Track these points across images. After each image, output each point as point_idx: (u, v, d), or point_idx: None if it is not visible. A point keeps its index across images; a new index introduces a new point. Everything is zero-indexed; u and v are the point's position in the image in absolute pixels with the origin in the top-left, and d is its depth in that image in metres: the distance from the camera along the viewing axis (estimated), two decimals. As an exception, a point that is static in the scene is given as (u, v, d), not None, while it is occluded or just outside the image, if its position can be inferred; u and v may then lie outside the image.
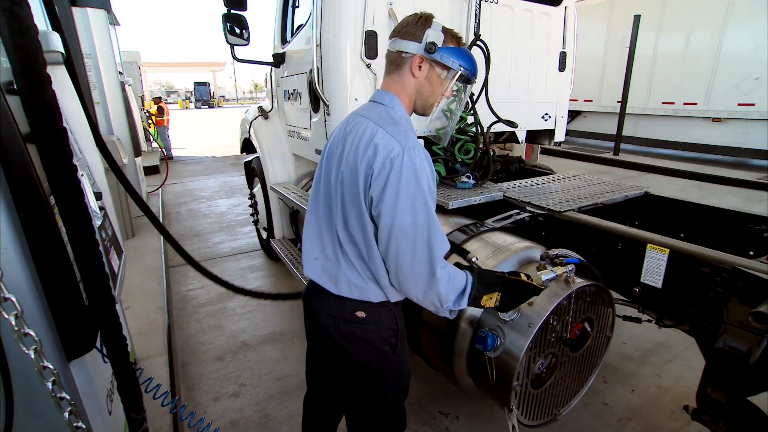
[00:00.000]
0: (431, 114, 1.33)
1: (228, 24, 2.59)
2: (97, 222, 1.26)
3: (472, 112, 2.58)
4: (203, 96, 44.08)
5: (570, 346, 1.59)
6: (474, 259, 1.63)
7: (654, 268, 1.71)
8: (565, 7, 3.03)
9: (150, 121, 9.50)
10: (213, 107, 43.43)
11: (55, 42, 1.44)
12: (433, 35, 1.22)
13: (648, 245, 1.71)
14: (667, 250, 1.65)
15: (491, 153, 2.66)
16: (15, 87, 0.84)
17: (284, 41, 3.21)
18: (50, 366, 0.81)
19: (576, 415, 2.17)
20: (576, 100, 10.96)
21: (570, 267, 1.51)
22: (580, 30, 3.26)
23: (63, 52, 1.47)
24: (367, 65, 2.35)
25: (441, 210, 2.17)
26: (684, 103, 9.09)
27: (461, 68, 1.25)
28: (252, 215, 4.37)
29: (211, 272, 2.34)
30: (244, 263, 4.27)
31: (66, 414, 0.84)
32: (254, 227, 4.63)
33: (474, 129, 2.62)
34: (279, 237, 3.73)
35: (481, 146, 2.59)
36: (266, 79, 3.87)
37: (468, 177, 2.45)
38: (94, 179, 1.58)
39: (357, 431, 1.42)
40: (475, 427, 2.15)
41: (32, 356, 0.78)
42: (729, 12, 8.13)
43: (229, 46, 2.68)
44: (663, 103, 9.49)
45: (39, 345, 0.79)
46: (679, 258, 1.63)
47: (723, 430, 1.42)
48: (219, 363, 2.68)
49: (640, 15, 8.35)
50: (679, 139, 9.38)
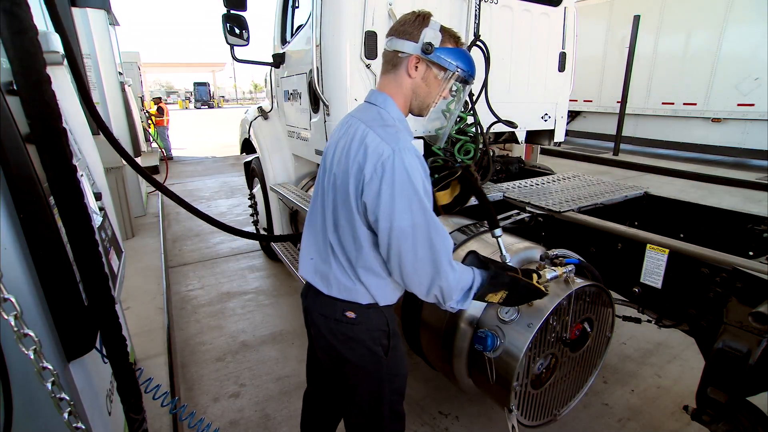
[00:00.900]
0: (428, 114, 1.31)
1: (228, 24, 2.59)
2: (97, 222, 1.26)
3: (472, 113, 2.58)
4: (203, 96, 44.08)
5: (570, 347, 1.59)
6: (507, 258, 1.51)
7: (654, 269, 1.71)
8: (565, 8, 3.03)
9: (150, 122, 9.51)
10: (213, 107, 43.44)
11: (55, 42, 1.45)
12: (431, 35, 1.20)
13: (648, 245, 1.71)
14: (667, 251, 1.65)
15: (491, 153, 2.66)
16: (15, 87, 0.84)
17: (284, 41, 3.21)
18: (50, 366, 0.81)
19: (576, 416, 2.17)
20: (576, 101, 10.96)
21: (570, 267, 1.51)
22: (580, 30, 3.26)
23: (63, 53, 1.47)
24: (367, 66, 2.35)
25: (441, 210, 2.17)
26: (684, 104, 9.09)
27: (458, 69, 1.22)
28: (252, 215, 4.37)
29: (201, 211, 2.43)
30: (244, 263, 4.27)
31: (65, 414, 0.84)
32: (254, 227, 4.63)
33: (474, 129, 2.62)
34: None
35: (481, 146, 2.58)
36: (266, 80, 3.87)
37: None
38: (94, 180, 1.58)
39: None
40: (475, 428, 2.15)
41: (32, 357, 0.78)
42: (728, 12, 8.14)
43: (229, 47, 2.68)
44: (663, 104, 9.49)
45: (38, 345, 0.79)
46: (679, 258, 1.63)
47: (723, 431, 1.42)
48: (219, 363, 2.68)
49: (640, 15, 8.35)
50: (679, 140, 9.38)
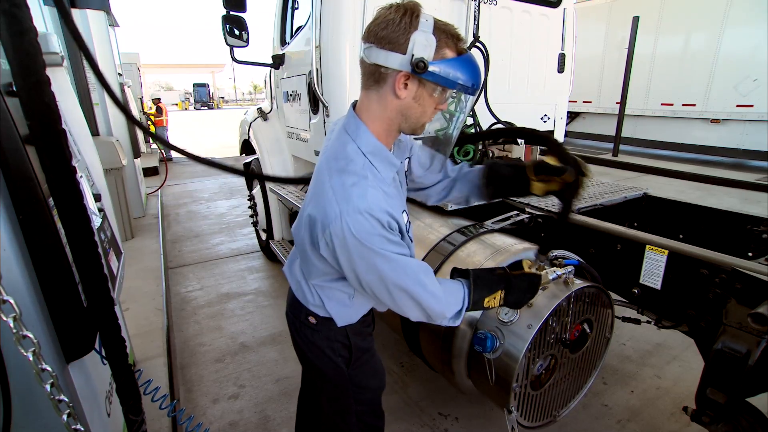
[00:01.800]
0: (423, 131, 1.13)
1: (227, 25, 2.60)
2: (96, 223, 1.26)
3: (472, 114, 2.58)
4: (203, 97, 44.09)
5: (569, 348, 1.59)
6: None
7: (653, 270, 1.71)
8: (564, 9, 3.04)
9: (149, 123, 9.51)
10: (212, 108, 43.43)
11: (54, 43, 1.45)
12: (422, 42, 0.93)
13: (647, 246, 1.71)
14: (666, 252, 1.65)
15: (490, 154, 2.66)
16: (14, 89, 0.84)
17: (283, 43, 3.22)
18: (49, 368, 0.81)
19: (575, 417, 2.17)
20: (575, 102, 10.98)
21: (569, 268, 1.50)
22: (579, 31, 3.27)
23: (65, 55, 1.48)
24: (367, 67, 2.35)
25: (440, 211, 2.17)
26: (683, 105, 9.11)
27: (461, 83, 0.98)
28: (251, 217, 4.37)
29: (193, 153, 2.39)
30: (244, 264, 4.27)
31: (64, 416, 0.84)
32: (253, 229, 4.62)
33: (473, 130, 2.62)
34: (278, 238, 3.72)
35: (480, 148, 2.59)
36: (265, 81, 3.87)
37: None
38: (93, 181, 1.58)
39: None
40: (475, 429, 2.14)
41: (31, 358, 0.78)
42: (727, 14, 8.16)
43: (229, 48, 2.68)
44: (662, 105, 9.51)
45: (37, 347, 0.79)
46: (678, 259, 1.63)
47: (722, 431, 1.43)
48: (218, 364, 2.68)
49: (639, 17, 8.37)
50: (678, 140, 9.41)
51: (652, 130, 9.89)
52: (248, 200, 4.28)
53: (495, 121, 2.69)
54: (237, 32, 2.63)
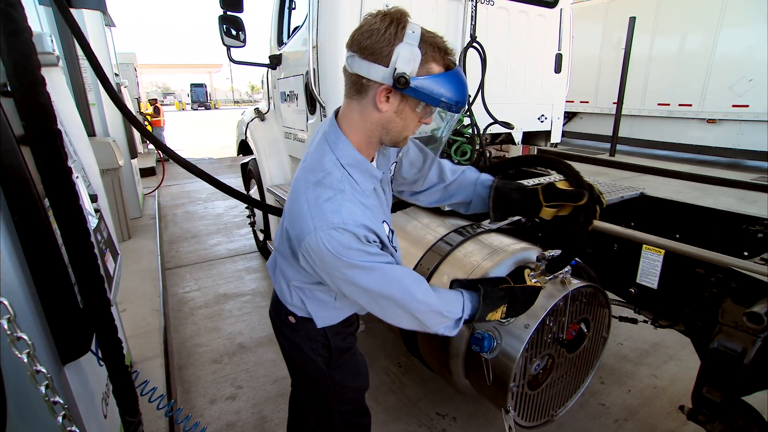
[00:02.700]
0: (405, 144, 1.10)
1: (224, 26, 2.59)
2: (93, 224, 1.25)
3: (469, 114, 2.58)
4: (200, 97, 43.96)
5: (566, 347, 1.59)
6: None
7: (650, 269, 1.72)
8: (561, 9, 3.04)
9: (146, 123, 9.47)
10: (209, 109, 43.33)
11: (49, 43, 1.44)
12: (406, 55, 0.88)
13: (644, 246, 1.71)
14: (663, 251, 1.66)
15: (488, 155, 2.66)
16: (9, 89, 0.84)
17: (281, 43, 3.21)
18: (43, 370, 0.80)
19: (573, 416, 2.17)
20: (572, 102, 11.00)
21: (566, 268, 1.51)
22: (576, 32, 3.28)
23: (60, 55, 1.47)
24: (364, 67, 2.35)
25: (437, 211, 2.17)
26: (679, 105, 9.15)
27: (444, 100, 0.93)
28: (248, 217, 4.36)
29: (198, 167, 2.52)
30: (241, 265, 4.26)
31: (60, 418, 0.83)
32: (251, 229, 4.61)
33: (470, 130, 2.63)
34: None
35: (478, 148, 2.59)
36: (263, 81, 3.86)
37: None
38: (90, 181, 1.57)
39: None
40: (472, 429, 2.14)
41: (25, 360, 0.78)
42: (723, 15, 8.20)
43: (226, 48, 2.68)
44: (658, 105, 9.54)
45: (32, 349, 0.79)
46: (675, 259, 1.64)
47: (718, 430, 1.43)
48: (215, 365, 2.67)
49: (636, 17, 8.40)
50: (675, 140, 9.44)
51: (649, 130, 9.93)
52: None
53: (492, 121, 2.69)
54: (234, 32, 2.63)
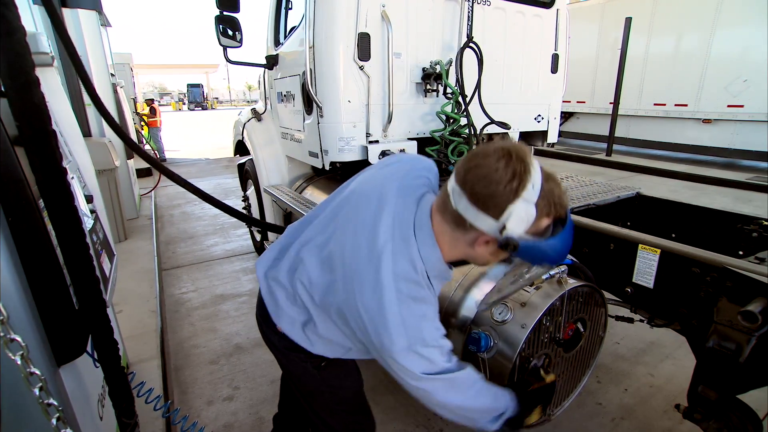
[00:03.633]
0: None
1: (221, 26, 2.59)
2: (88, 225, 1.24)
3: (465, 114, 2.59)
4: (197, 98, 43.83)
5: (563, 347, 1.60)
6: None
7: (645, 269, 1.72)
8: (557, 10, 3.06)
9: (142, 123, 9.44)
10: (206, 109, 43.21)
11: (44, 43, 1.43)
12: (520, 215, 0.82)
13: (640, 246, 1.72)
14: (659, 251, 1.67)
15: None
16: (2, 89, 0.84)
17: (277, 43, 3.21)
18: (37, 372, 0.80)
19: (570, 415, 2.18)
20: (569, 102, 11.04)
21: (562, 268, 1.51)
22: (573, 32, 3.29)
23: (55, 55, 1.46)
24: (360, 67, 2.35)
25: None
26: (675, 105, 9.19)
27: (546, 263, 0.94)
28: (246, 217, 4.35)
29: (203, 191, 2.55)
30: (238, 266, 4.25)
31: (54, 420, 0.83)
32: (248, 229, 4.60)
33: (467, 131, 2.63)
34: (273, 239, 3.71)
35: (475, 148, 2.60)
36: (259, 81, 3.86)
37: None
38: (85, 182, 1.57)
39: None
40: (470, 429, 2.14)
41: (18, 362, 0.77)
42: (718, 15, 8.25)
43: (222, 48, 2.67)
44: (654, 105, 9.59)
45: (26, 351, 0.78)
46: (670, 258, 1.64)
47: (714, 428, 1.44)
48: (213, 366, 2.66)
49: (632, 18, 8.44)
50: (671, 140, 9.49)
51: (645, 130, 9.98)
52: (242, 201, 4.26)
53: (489, 121, 2.70)
54: (230, 32, 2.62)
